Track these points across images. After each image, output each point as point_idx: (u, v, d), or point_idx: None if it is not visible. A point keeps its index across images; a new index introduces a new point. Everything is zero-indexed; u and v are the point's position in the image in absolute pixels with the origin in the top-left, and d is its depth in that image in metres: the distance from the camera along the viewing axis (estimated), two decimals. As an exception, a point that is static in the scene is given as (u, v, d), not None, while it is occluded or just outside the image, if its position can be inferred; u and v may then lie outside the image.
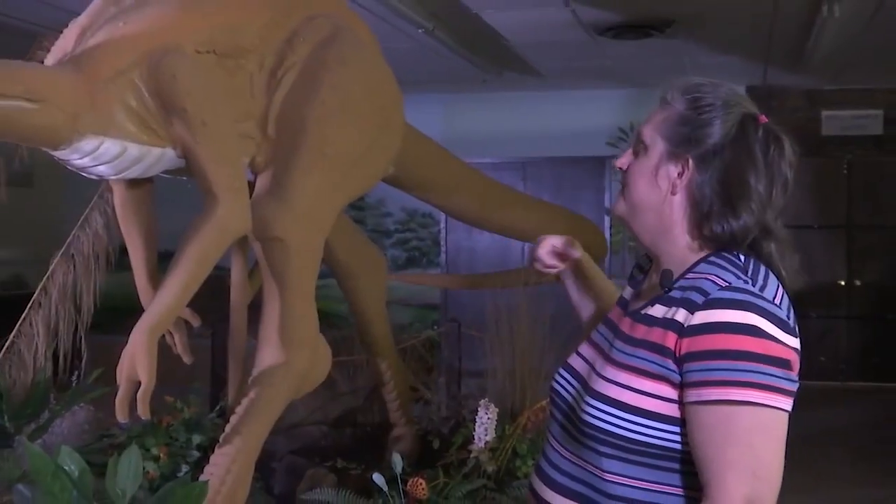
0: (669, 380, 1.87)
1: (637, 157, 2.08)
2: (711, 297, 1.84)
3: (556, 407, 2.15)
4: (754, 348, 1.80)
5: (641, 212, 2.06)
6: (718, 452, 1.80)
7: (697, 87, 2.03)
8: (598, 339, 2.14)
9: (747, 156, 1.96)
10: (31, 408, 3.98)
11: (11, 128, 2.79)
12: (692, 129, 1.98)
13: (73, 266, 4.43)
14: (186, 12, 3.18)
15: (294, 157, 3.33)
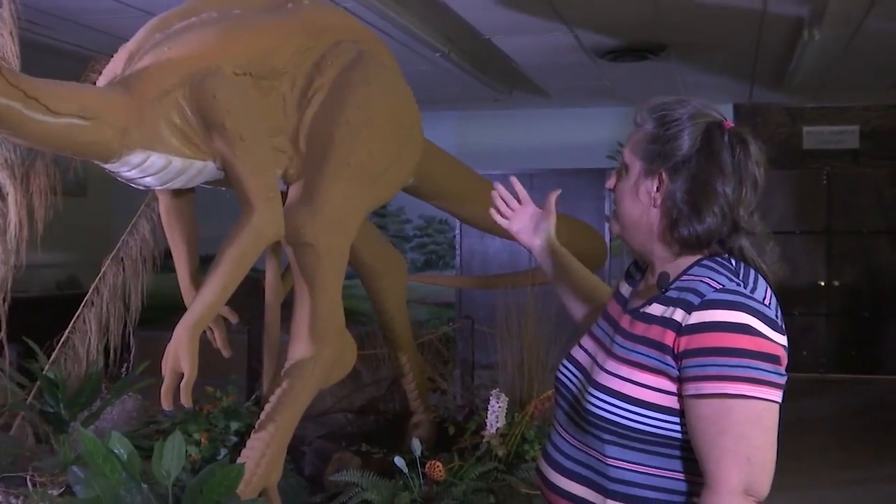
0: (668, 374, 1.87)
1: (620, 178, 2.10)
2: (707, 298, 1.85)
3: (560, 396, 2.15)
4: (746, 345, 1.80)
5: (630, 227, 2.08)
6: (715, 442, 1.80)
7: (663, 105, 2.04)
8: (598, 333, 2.13)
9: (713, 162, 1.96)
10: (85, 397, 3.99)
11: (67, 143, 2.80)
12: (662, 145, 1.99)
13: (122, 268, 4.43)
14: (225, 38, 3.18)
15: (322, 170, 3.33)
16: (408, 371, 4.14)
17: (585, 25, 7.61)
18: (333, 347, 3.31)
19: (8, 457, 3.50)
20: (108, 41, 4.40)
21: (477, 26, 7.61)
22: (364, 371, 4.73)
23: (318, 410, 4.27)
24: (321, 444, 3.90)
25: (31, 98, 2.60)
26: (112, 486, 2.67)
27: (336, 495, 3.39)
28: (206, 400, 3.93)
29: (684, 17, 7.28)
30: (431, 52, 8.07)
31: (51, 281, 11.06)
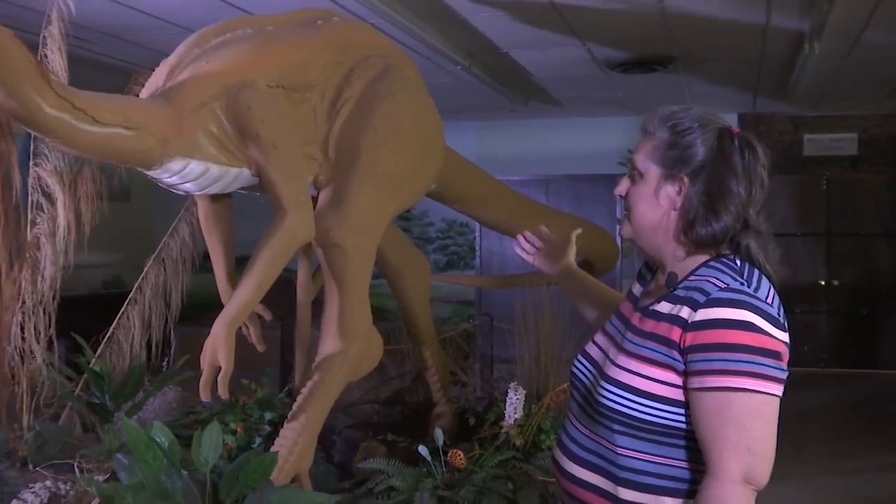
0: (675, 368, 1.87)
1: (634, 184, 2.08)
2: (712, 296, 1.85)
3: (574, 389, 2.15)
4: (748, 342, 1.80)
5: (645, 230, 2.07)
6: (718, 432, 1.80)
7: (674, 114, 2.05)
8: (611, 330, 2.13)
9: (728, 165, 1.97)
10: (128, 389, 4.00)
11: (112, 151, 2.81)
12: (681, 151, 2.00)
13: (163, 269, 4.45)
14: (259, 53, 3.19)
15: (350, 176, 3.34)
16: (431, 365, 4.14)
17: (597, 39, 7.60)
18: (361, 343, 3.31)
19: (57, 445, 3.52)
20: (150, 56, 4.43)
21: (495, 41, 7.62)
22: (390, 365, 4.74)
23: (347, 402, 4.28)
24: (350, 434, 3.90)
25: (79, 110, 2.61)
26: (154, 473, 2.68)
27: (363, 481, 3.40)
28: (242, 392, 3.94)
29: (691, 31, 7.26)
30: (453, 66, 8.07)
31: (97, 280, 11.11)
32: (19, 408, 3.59)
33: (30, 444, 3.50)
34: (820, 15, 6.32)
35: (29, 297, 3.61)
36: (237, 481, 2.72)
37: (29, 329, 3.63)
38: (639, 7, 6.55)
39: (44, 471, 3.30)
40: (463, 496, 3.27)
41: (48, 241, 3.61)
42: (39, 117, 2.55)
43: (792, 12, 6.65)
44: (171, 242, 4.48)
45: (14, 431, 3.54)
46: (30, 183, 3.63)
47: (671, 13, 6.71)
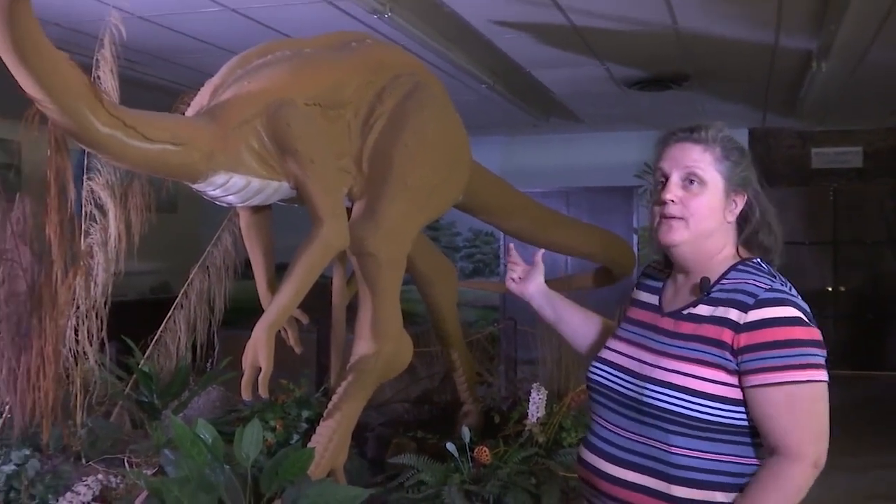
0: (725, 367, 1.88)
1: (691, 192, 2.02)
2: (760, 297, 1.88)
3: (599, 394, 2.12)
4: (802, 335, 1.86)
5: (705, 237, 2.04)
6: (794, 422, 1.83)
7: (724, 132, 2.07)
8: (631, 336, 2.12)
9: (764, 190, 2.09)
10: (175, 388, 4.02)
11: (160, 166, 2.83)
12: (743, 170, 2.04)
13: (208, 275, 4.47)
14: (298, 74, 3.20)
15: (383, 188, 3.34)
16: (458, 366, 4.13)
17: (615, 59, 7.59)
18: (392, 345, 3.31)
19: (108, 440, 3.54)
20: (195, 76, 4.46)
21: (519, 61, 7.62)
22: (419, 366, 4.73)
23: (379, 401, 4.27)
24: (382, 431, 3.90)
25: (130, 127, 2.63)
26: (198, 467, 2.69)
27: (395, 476, 3.40)
28: (281, 391, 3.95)
29: (704, 51, 7.24)
30: (478, 84, 8.08)
31: (146, 286, 11.20)
32: (73, 406, 3.61)
33: (83, 439, 3.52)
34: (827, 35, 6.29)
35: (83, 302, 3.63)
36: (276, 475, 2.72)
37: (82, 332, 3.65)
38: (654, 28, 6.54)
39: (96, 465, 3.32)
40: (489, 490, 3.26)
41: (100, 250, 3.63)
42: (93, 134, 2.57)
43: (800, 32, 6.63)
44: (214, 251, 4.49)
45: (68, 428, 3.56)
46: (84, 196, 3.65)
47: (685, 34, 6.70)
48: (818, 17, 6.17)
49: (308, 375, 4.32)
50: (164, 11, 6.16)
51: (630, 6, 6.00)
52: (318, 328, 5.25)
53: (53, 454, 3.42)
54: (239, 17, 6.28)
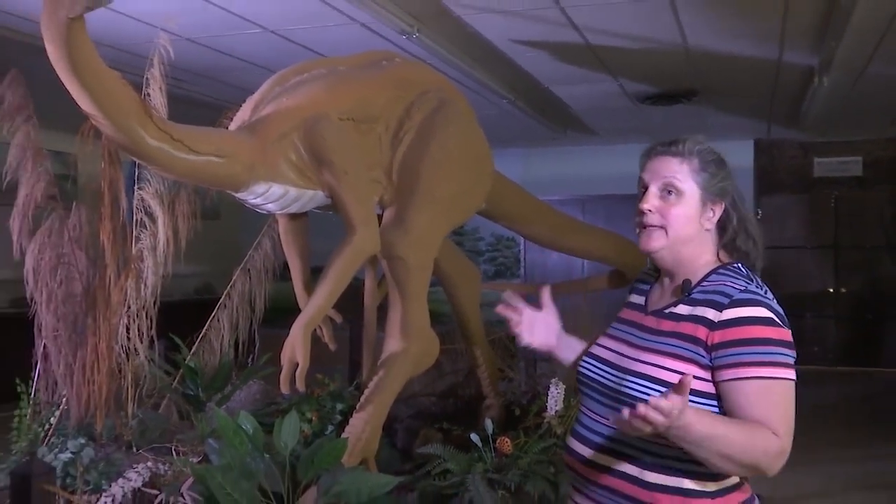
0: (699, 363, 1.88)
1: (668, 201, 2.03)
2: (735, 298, 1.88)
3: (587, 387, 2.13)
4: (772, 335, 1.85)
5: (682, 243, 2.04)
6: (769, 410, 1.82)
7: (704, 145, 2.06)
8: (618, 334, 2.12)
9: (742, 199, 2.08)
10: (218, 382, 4.04)
11: (205, 176, 2.84)
12: (720, 180, 2.03)
13: (248, 277, 4.48)
14: (332, 91, 3.21)
15: (411, 197, 3.34)
16: (481, 362, 4.13)
17: (628, 76, 7.57)
18: (420, 343, 3.31)
19: (157, 431, 3.56)
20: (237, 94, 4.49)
21: (538, 77, 7.62)
22: (445, 362, 4.72)
23: (408, 394, 4.27)
24: (410, 423, 3.90)
25: (177, 141, 2.65)
26: (240, 456, 2.70)
27: (422, 465, 3.39)
28: (317, 385, 3.95)
29: (711, 68, 7.20)
30: (500, 99, 8.09)
31: (191, 288, 11.26)
32: (125, 398, 3.63)
33: (134, 429, 3.54)
34: (828, 51, 6.25)
35: (133, 303, 3.65)
36: (312, 464, 2.73)
37: (133, 330, 3.68)
38: (665, 46, 6.52)
39: (146, 453, 3.34)
40: (510, 478, 3.25)
41: (150, 254, 3.65)
42: (143, 148, 2.59)
43: (802, 49, 6.58)
44: (255, 255, 4.51)
45: (120, 419, 3.58)
46: (135, 204, 3.68)
47: (694, 51, 6.67)
48: (819, 34, 6.13)
49: (342, 371, 4.33)
50: (209, 33, 6.20)
51: (642, 26, 5.98)
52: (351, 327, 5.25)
53: (106, 443, 3.44)
54: (278, 38, 6.31)
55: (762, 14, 5.72)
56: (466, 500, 3.11)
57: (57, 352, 3.55)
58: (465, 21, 5.87)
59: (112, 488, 3.01)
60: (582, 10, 5.64)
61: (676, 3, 5.48)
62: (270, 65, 6.64)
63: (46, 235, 3.56)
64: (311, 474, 2.72)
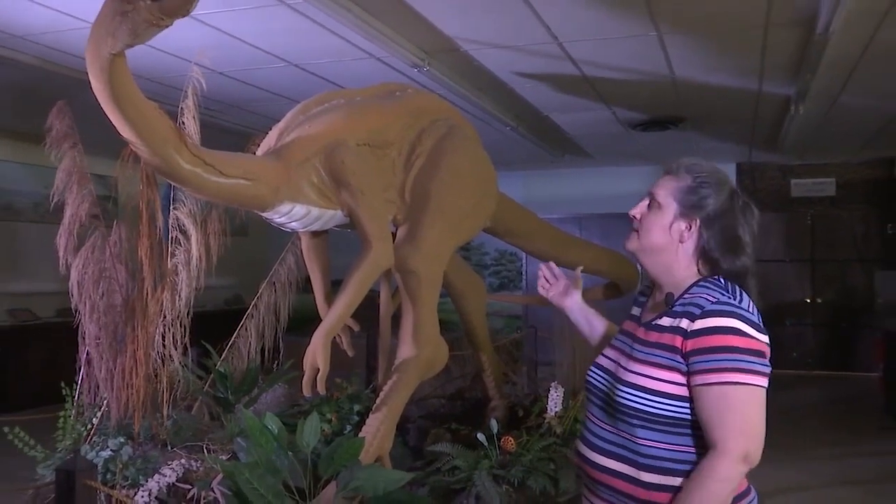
0: (679, 370, 1.87)
1: (650, 211, 2.06)
2: (706, 309, 1.87)
3: (592, 394, 2.12)
4: (738, 344, 1.82)
5: (653, 252, 2.05)
6: (722, 418, 1.80)
7: (697, 165, 2.05)
8: (618, 344, 2.11)
9: (735, 219, 2.00)
10: (246, 386, 4.03)
11: (234, 197, 2.85)
12: (698, 199, 2.00)
13: (274, 290, 4.47)
14: (350, 119, 3.22)
15: (422, 216, 3.34)
16: (487, 367, 4.12)
17: (621, 104, 7.57)
18: (431, 349, 3.30)
19: (190, 430, 3.55)
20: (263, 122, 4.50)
21: (538, 106, 7.63)
22: (454, 367, 4.72)
23: (419, 396, 4.26)
24: (421, 423, 3.89)
25: (209, 165, 2.65)
26: (266, 453, 2.69)
27: (433, 461, 3.38)
28: (336, 388, 3.95)
29: (697, 97, 7.20)
30: (503, 126, 8.10)
31: (221, 299, 11.27)
32: (160, 401, 3.63)
33: (168, 429, 3.54)
34: (803, 83, 6.25)
35: (169, 313, 3.65)
36: (332, 461, 2.72)
37: (169, 338, 3.67)
38: (654, 78, 6.52)
39: (179, 451, 3.33)
40: (514, 474, 3.23)
41: (184, 269, 3.65)
42: (178, 171, 2.59)
43: (780, 80, 6.58)
44: (280, 269, 4.51)
45: (156, 419, 3.58)
46: (170, 223, 3.68)
47: (681, 82, 6.67)
48: (795, 68, 6.13)
49: (359, 375, 4.32)
50: (238, 67, 6.23)
51: (633, 59, 5.99)
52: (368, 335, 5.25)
53: (143, 442, 3.44)
54: (301, 71, 6.34)
55: (743, 49, 5.73)
56: (473, 494, 3.09)
57: (99, 358, 3.55)
58: (471, 55, 5.88)
59: (148, 483, 3.00)
60: (578, 45, 5.64)
61: (665, 40, 5.48)
62: (294, 96, 6.67)
63: (90, 251, 3.57)
64: (331, 470, 2.71)
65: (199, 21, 5.08)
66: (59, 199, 3.61)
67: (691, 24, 5.19)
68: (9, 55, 5.70)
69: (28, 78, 6.29)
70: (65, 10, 4.89)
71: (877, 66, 6.11)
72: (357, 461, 2.76)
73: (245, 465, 2.62)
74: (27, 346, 8.73)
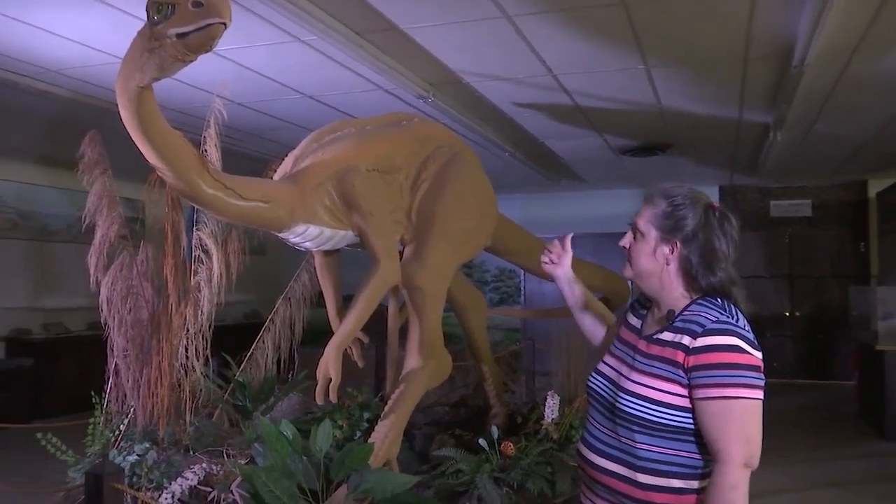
0: (679, 382, 1.85)
1: (636, 240, 2.06)
2: (707, 327, 1.84)
3: (593, 399, 2.11)
4: (738, 360, 1.80)
5: (645, 277, 2.04)
6: (724, 430, 1.79)
7: (670, 190, 2.04)
8: (618, 353, 2.10)
9: (713, 233, 1.96)
10: (263, 395, 4.02)
11: (253, 219, 2.85)
12: (675, 221, 1.99)
13: (289, 305, 4.47)
14: (361, 146, 3.23)
15: (428, 236, 3.34)
16: (488, 377, 4.11)
17: (611, 132, 7.59)
18: (436, 360, 3.29)
19: (211, 436, 3.54)
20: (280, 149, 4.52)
21: (535, 134, 7.64)
22: (457, 377, 4.70)
23: (425, 405, 4.24)
24: (427, 429, 3.87)
25: (230, 189, 2.66)
26: (282, 458, 2.68)
27: (438, 465, 3.37)
28: (347, 397, 3.93)
29: (683, 125, 7.22)
30: (503, 152, 8.11)
31: (241, 313, 11.27)
32: (183, 409, 3.62)
33: (191, 435, 3.52)
34: (781, 112, 6.26)
35: (191, 326, 3.65)
36: (343, 465, 2.71)
37: (191, 350, 3.67)
38: (643, 107, 6.54)
39: (201, 455, 3.31)
40: (513, 477, 3.22)
41: (206, 285, 3.65)
42: (201, 195, 2.60)
43: (759, 109, 6.60)
44: (295, 285, 4.50)
45: (180, 426, 3.56)
46: (193, 243, 3.68)
47: (667, 111, 6.69)
48: (773, 98, 6.14)
49: (368, 384, 4.30)
50: (256, 98, 6.25)
51: (623, 90, 6.00)
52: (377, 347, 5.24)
53: (167, 447, 3.42)
54: (314, 102, 6.36)
55: (725, 81, 5.74)
56: (476, 496, 3.08)
57: (126, 368, 3.54)
58: (473, 87, 5.90)
59: (172, 486, 2.99)
60: (572, 78, 5.66)
61: (652, 72, 5.50)
62: (308, 125, 6.69)
63: (118, 269, 3.57)
64: (343, 474, 2.70)
65: (221, 56, 5.11)
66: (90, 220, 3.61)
67: (676, 57, 5.21)
68: (45, 88, 5.73)
69: (62, 109, 6.32)
70: (96, 47, 4.92)
71: (848, 96, 6.13)
72: (367, 465, 2.75)
73: (262, 469, 2.61)
74: (60, 357, 8.73)
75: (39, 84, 5.67)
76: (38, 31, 4.65)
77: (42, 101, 6.10)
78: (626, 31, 4.67)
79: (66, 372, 8.52)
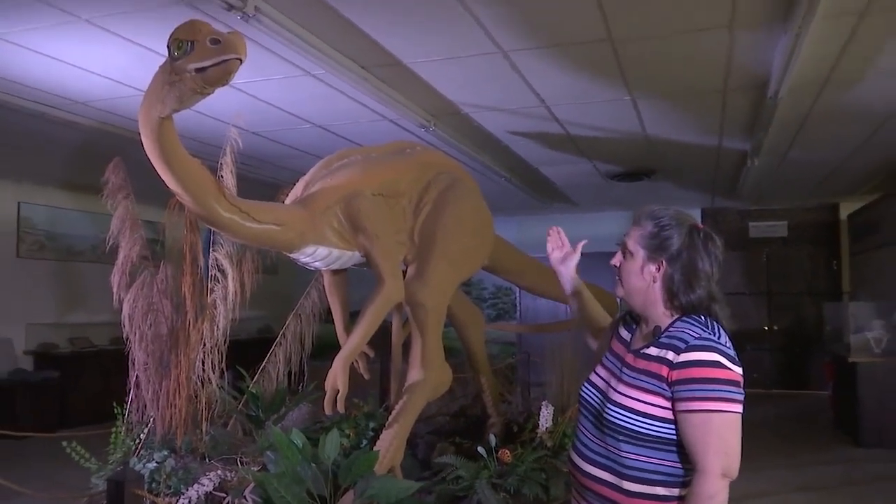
0: (663, 395, 1.84)
1: (625, 259, 2.05)
2: (690, 343, 1.83)
3: (584, 408, 2.10)
4: (719, 375, 1.78)
5: (633, 294, 2.03)
6: (704, 441, 1.77)
7: (657, 211, 2.03)
8: (609, 364, 2.08)
9: (697, 252, 1.94)
10: (275, 405, 4.01)
11: (266, 240, 2.85)
12: (660, 241, 1.97)
13: (300, 321, 4.47)
14: (367, 173, 3.23)
15: (429, 256, 3.34)
16: (486, 388, 4.09)
17: (600, 158, 7.61)
18: (437, 373, 3.28)
19: (225, 444, 3.52)
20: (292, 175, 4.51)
21: (529, 160, 7.66)
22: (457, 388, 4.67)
23: (427, 415, 4.22)
24: (429, 438, 3.85)
25: (245, 213, 2.66)
26: (292, 465, 2.67)
27: (439, 472, 3.34)
28: (354, 407, 3.91)
29: (667, 152, 7.24)
30: (499, 178, 8.13)
31: (254, 329, 11.23)
32: (200, 418, 3.61)
33: (207, 444, 3.51)
34: (757, 140, 6.29)
35: (208, 341, 3.64)
36: (350, 471, 2.69)
37: (208, 363, 3.66)
38: (630, 136, 6.56)
39: (216, 463, 3.30)
40: (510, 483, 3.20)
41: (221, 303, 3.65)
42: (218, 218, 2.60)
43: (737, 137, 6.62)
44: (305, 302, 4.50)
45: (196, 435, 3.55)
46: (210, 263, 3.69)
47: (652, 139, 6.71)
48: (750, 127, 6.16)
49: (374, 396, 4.28)
50: (270, 128, 6.27)
51: (610, 120, 6.02)
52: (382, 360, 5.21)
53: (185, 455, 3.41)
54: (324, 132, 6.38)
55: (705, 111, 5.77)
56: (475, 501, 3.05)
57: (146, 381, 3.53)
58: (471, 117, 5.92)
59: (189, 492, 2.97)
60: (563, 108, 5.68)
61: (638, 103, 5.52)
62: (318, 152, 6.71)
63: (140, 288, 3.57)
64: (349, 480, 2.68)
65: (237, 89, 5.13)
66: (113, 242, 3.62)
67: (660, 90, 5.23)
68: (72, 118, 5.75)
69: (88, 138, 6.33)
70: (120, 80, 4.94)
71: (820, 126, 6.16)
72: (372, 472, 2.73)
73: (274, 476, 2.59)
74: (84, 370, 8.71)
75: (67, 115, 5.69)
76: (66, 66, 4.67)
77: (69, 131, 6.12)
78: (613, 66, 4.69)
79: (89, 384, 8.49)
